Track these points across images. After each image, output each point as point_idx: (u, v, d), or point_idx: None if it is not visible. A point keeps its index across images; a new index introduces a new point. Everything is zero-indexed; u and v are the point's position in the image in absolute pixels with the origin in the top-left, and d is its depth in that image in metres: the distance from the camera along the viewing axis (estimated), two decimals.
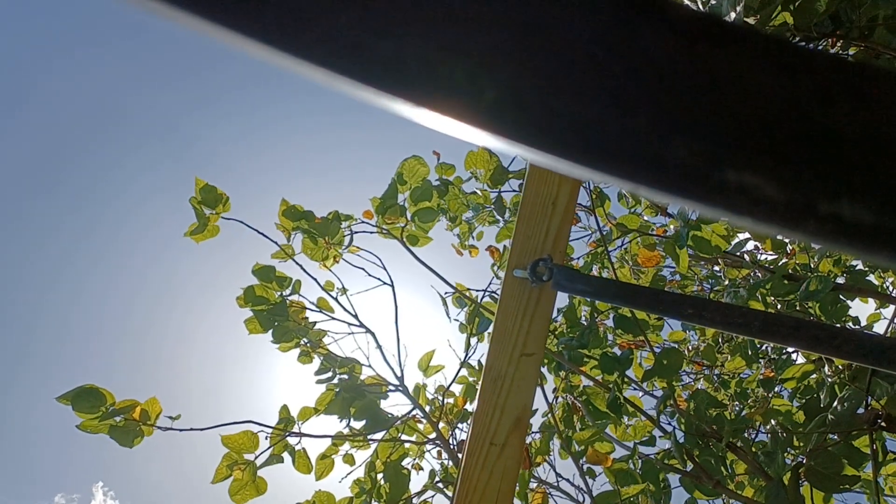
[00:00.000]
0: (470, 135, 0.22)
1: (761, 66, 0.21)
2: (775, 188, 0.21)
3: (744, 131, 0.21)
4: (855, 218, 0.20)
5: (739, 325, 0.77)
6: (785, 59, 0.21)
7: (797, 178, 0.21)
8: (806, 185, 0.20)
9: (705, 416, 2.11)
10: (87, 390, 2.09)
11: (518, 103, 0.22)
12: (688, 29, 0.21)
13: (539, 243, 1.06)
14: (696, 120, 0.21)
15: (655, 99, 0.21)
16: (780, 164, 0.21)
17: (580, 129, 0.21)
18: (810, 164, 0.21)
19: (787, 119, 0.21)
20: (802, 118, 0.21)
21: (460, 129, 0.22)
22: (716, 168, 0.21)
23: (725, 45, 0.21)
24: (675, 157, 0.21)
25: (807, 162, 0.21)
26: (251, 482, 2.30)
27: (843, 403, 1.81)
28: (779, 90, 0.21)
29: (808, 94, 0.21)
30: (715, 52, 0.21)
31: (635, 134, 0.21)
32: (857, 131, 0.21)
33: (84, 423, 2.10)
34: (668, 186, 0.21)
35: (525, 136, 0.21)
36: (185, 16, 0.20)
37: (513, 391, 1.04)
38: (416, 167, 2.60)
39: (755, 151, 0.21)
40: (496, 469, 1.02)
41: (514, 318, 1.06)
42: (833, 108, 0.21)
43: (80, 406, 2.08)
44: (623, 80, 0.21)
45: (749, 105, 0.21)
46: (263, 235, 2.66)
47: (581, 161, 0.21)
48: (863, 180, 0.20)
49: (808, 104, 0.21)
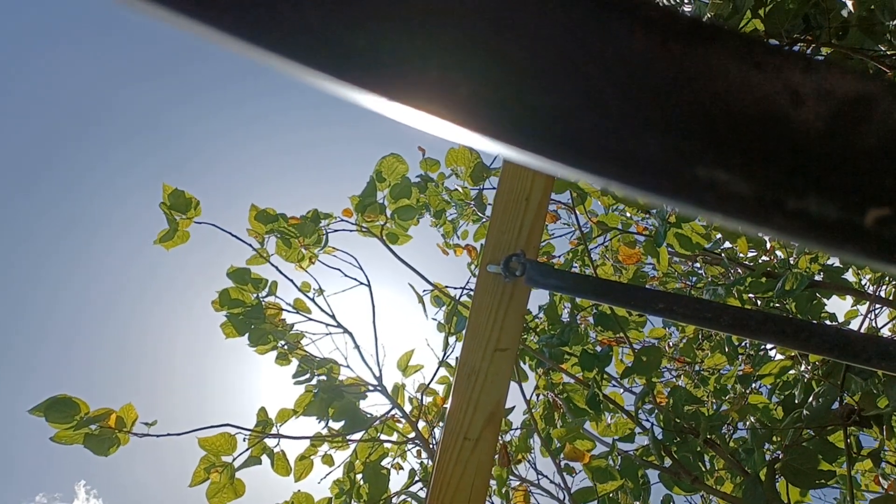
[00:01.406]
0: (445, 130, 0.22)
1: (733, 64, 0.21)
2: (744, 184, 0.21)
3: (715, 128, 0.21)
4: (821, 214, 0.20)
5: (709, 319, 0.79)
6: (756, 59, 0.21)
7: (766, 175, 0.21)
8: (774, 182, 0.21)
9: (683, 412, 2.13)
10: (60, 400, 2.06)
11: (491, 98, 0.22)
12: (661, 27, 0.21)
13: (512, 239, 1.07)
14: (667, 117, 0.21)
15: (627, 95, 0.21)
16: (750, 161, 0.21)
17: (552, 124, 0.21)
18: (779, 162, 0.21)
19: (758, 117, 0.21)
20: (772, 116, 0.21)
21: (436, 124, 0.22)
22: (686, 164, 0.21)
23: (698, 43, 0.21)
24: (646, 154, 0.21)
25: (775, 159, 0.21)
26: (229, 484, 2.28)
27: (818, 399, 1.83)
28: (750, 88, 0.21)
29: (779, 92, 0.21)
30: (687, 51, 0.21)
31: (607, 130, 0.21)
32: (825, 130, 0.21)
33: (58, 435, 2.06)
34: (640, 182, 0.21)
35: (497, 131, 0.21)
36: (155, 8, 0.20)
37: (486, 386, 1.04)
38: (395, 165, 2.59)
39: (725, 148, 0.21)
40: (470, 464, 1.02)
41: (488, 313, 1.07)
42: (802, 107, 0.21)
43: (53, 417, 2.04)
44: (595, 76, 0.21)
45: (720, 103, 0.21)
46: (237, 238, 2.64)
47: (553, 156, 0.22)
48: (829, 177, 0.21)
49: (778, 103, 0.21)
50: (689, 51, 0.21)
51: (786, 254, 3.19)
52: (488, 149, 0.23)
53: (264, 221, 2.62)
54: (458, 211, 3.01)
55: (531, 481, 2.72)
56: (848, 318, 3.55)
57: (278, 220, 2.63)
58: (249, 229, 2.63)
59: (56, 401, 2.07)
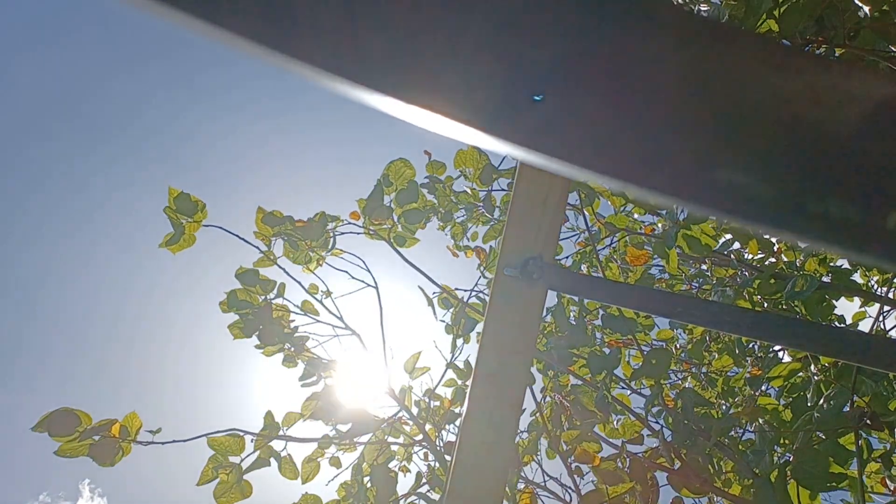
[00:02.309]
0: (460, 132, 0.21)
1: (752, 66, 0.21)
2: (764, 187, 0.20)
3: (733, 130, 0.21)
4: (842, 216, 0.20)
5: (728, 323, 0.78)
6: (777, 60, 0.21)
7: (786, 178, 0.21)
8: (794, 185, 0.20)
9: (693, 414, 2.12)
10: (62, 413, 2.05)
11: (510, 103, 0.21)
12: (679, 29, 0.21)
13: (530, 242, 1.07)
14: (685, 119, 0.21)
15: (645, 97, 0.21)
16: (769, 164, 0.21)
17: (569, 127, 0.21)
18: (799, 164, 0.21)
19: (778, 119, 0.21)
20: (793, 118, 0.21)
21: (450, 126, 0.21)
22: (705, 167, 0.21)
23: (716, 45, 0.21)
24: (664, 156, 0.21)
25: (796, 161, 0.21)
26: (236, 485, 2.28)
27: (829, 401, 1.82)
28: (770, 90, 0.21)
29: (799, 94, 0.21)
30: (705, 53, 0.21)
31: (625, 132, 0.21)
32: (846, 132, 0.21)
33: (62, 448, 2.06)
34: (657, 184, 0.21)
35: (516, 136, 0.21)
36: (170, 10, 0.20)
37: (503, 390, 1.04)
38: (403, 169, 2.59)
39: (744, 151, 0.21)
40: (486, 469, 1.02)
41: (505, 316, 1.06)
42: (823, 109, 0.21)
43: (55, 431, 2.04)
44: (611, 77, 0.21)
45: (739, 105, 0.21)
46: (244, 241, 2.64)
47: (569, 160, 0.21)
48: (850, 180, 0.20)
49: (799, 105, 0.21)
50: (707, 52, 0.21)
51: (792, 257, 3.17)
52: (506, 153, 0.23)
53: (271, 224, 2.62)
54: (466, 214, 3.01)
55: (538, 483, 2.71)
56: (856, 319, 3.52)
57: (285, 222, 2.63)
58: (256, 232, 2.64)
59: (58, 414, 2.06)
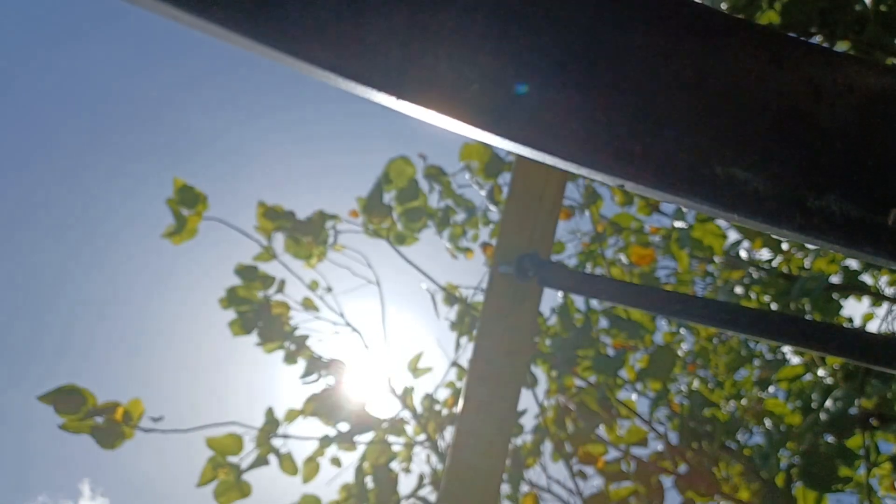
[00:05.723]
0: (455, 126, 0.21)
1: (751, 58, 0.21)
2: (763, 182, 0.20)
3: (732, 124, 0.21)
4: (842, 212, 0.20)
5: (727, 321, 0.76)
6: (776, 52, 0.21)
7: (785, 173, 0.20)
8: (794, 180, 0.20)
9: (699, 417, 2.10)
10: (68, 390, 2.09)
11: (502, 97, 0.21)
12: (676, 22, 0.21)
13: (525, 239, 1.05)
14: (682, 112, 0.21)
15: (641, 91, 0.20)
16: (769, 159, 0.20)
17: (563, 121, 0.21)
18: (799, 159, 0.20)
19: (777, 113, 0.21)
20: (792, 112, 0.21)
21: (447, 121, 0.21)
22: (703, 161, 0.21)
23: (714, 37, 0.20)
24: (661, 150, 0.20)
25: (795, 156, 0.20)
26: (235, 484, 2.29)
27: (836, 403, 1.81)
28: (769, 83, 0.21)
29: (799, 88, 0.21)
30: (703, 46, 0.20)
31: (621, 126, 0.20)
32: (847, 126, 0.20)
33: (67, 423, 2.09)
34: (654, 180, 0.21)
35: (507, 130, 0.21)
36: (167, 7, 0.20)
37: (498, 388, 1.03)
38: (403, 168, 2.58)
39: (743, 145, 0.21)
40: (481, 469, 1.01)
41: (500, 314, 1.05)
42: (824, 102, 0.21)
43: (61, 406, 2.07)
44: (610, 71, 0.20)
45: (737, 98, 0.21)
46: (245, 234, 2.63)
47: (564, 155, 0.21)
48: (850, 175, 0.20)
49: (799, 98, 0.21)
50: (704, 45, 0.21)
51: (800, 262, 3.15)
52: (499, 145, 0.23)
53: (272, 219, 2.62)
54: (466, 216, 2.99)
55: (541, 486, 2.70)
56: (864, 320, 3.50)
57: (286, 217, 2.62)
58: (257, 227, 2.63)
59: (64, 389, 2.09)
